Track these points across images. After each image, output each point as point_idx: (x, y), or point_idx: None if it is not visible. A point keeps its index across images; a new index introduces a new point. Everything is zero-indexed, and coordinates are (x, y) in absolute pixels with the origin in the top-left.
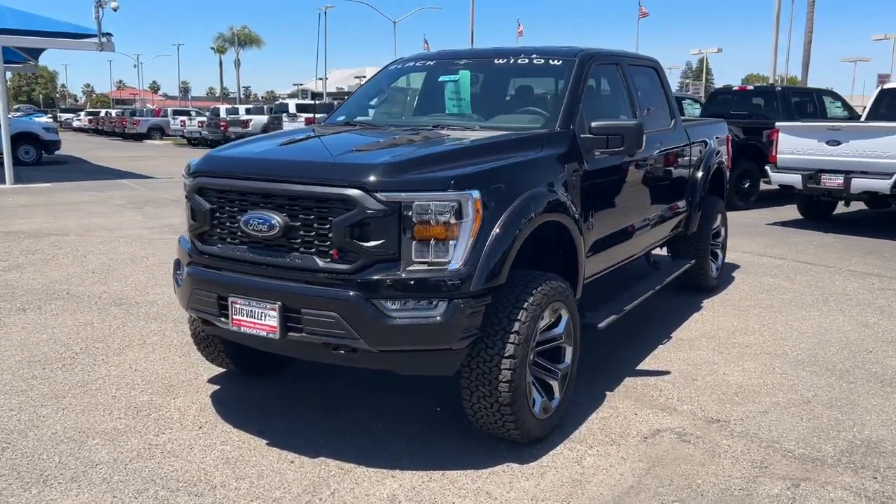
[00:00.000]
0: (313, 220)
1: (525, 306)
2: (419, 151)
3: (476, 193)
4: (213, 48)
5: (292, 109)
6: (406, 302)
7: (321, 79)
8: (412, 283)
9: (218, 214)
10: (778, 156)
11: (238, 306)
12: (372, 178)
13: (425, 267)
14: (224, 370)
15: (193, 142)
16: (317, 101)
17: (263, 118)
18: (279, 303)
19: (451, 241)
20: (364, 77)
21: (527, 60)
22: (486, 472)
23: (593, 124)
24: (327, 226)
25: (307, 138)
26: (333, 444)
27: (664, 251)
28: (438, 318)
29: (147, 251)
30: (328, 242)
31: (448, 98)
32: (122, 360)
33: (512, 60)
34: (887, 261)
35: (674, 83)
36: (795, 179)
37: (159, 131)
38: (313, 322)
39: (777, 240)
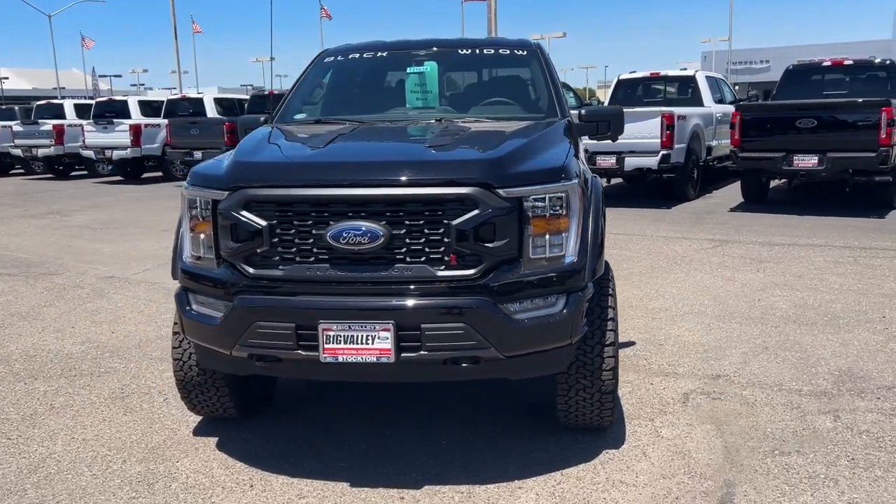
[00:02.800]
0: (423, 226)
1: (611, 292)
2: (511, 143)
3: (578, 182)
4: None
5: None
6: (525, 301)
7: None
8: (536, 280)
9: (280, 231)
10: None
11: (332, 333)
12: (493, 174)
13: (544, 263)
14: (200, 418)
15: None
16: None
17: None
18: (392, 322)
19: (563, 234)
20: (6, 79)
21: (492, 51)
22: (597, 463)
23: (583, 111)
24: (441, 230)
25: (337, 138)
26: (421, 469)
27: None
28: (565, 312)
29: None
30: (442, 248)
31: (411, 91)
32: (50, 433)
33: (477, 51)
34: (676, 225)
35: None
36: None
37: None
38: (436, 337)
39: None
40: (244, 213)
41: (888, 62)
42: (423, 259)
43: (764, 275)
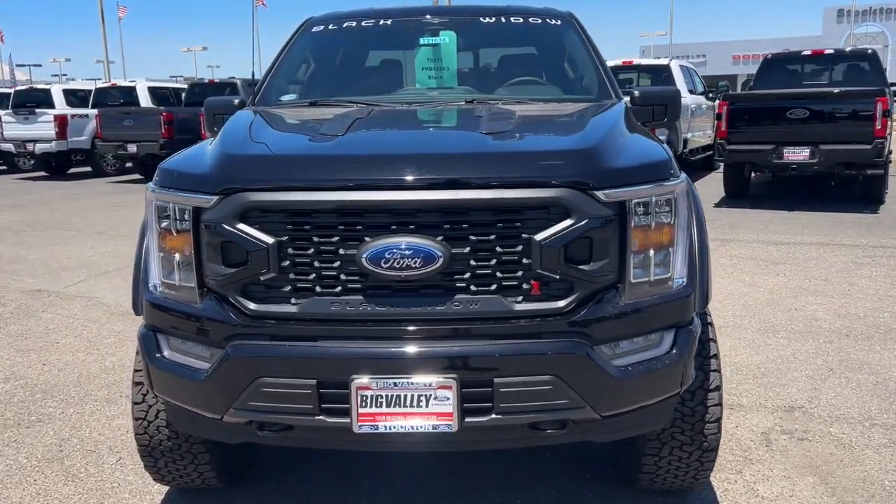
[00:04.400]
0: (495, 242)
1: (710, 321)
2: (594, 130)
3: (686, 180)
4: None
5: None
6: (624, 342)
7: None
8: (639, 313)
9: (294, 251)
10: None
11: (370, 394)
12: (590, 170)
13: (648, 289)
14: (168, 488)
15: None
16: None
17: None
18: (454, 376)
19: (670, 249)
20: None
21: (521, 20)
22: None
23: (636, 93)
24: (519, 248)
25: (356, 123)
26: None
27: None
28: (674, 353)
29: None
30: (521, 272)
31: (423, 67)
32: None
33: (502, 20)
34: None
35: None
36: None
37: None
38: (515, 396)
39: None
40: (241, 226)
41: (869, 51)
42: (494, 288)
43: (786, 279)
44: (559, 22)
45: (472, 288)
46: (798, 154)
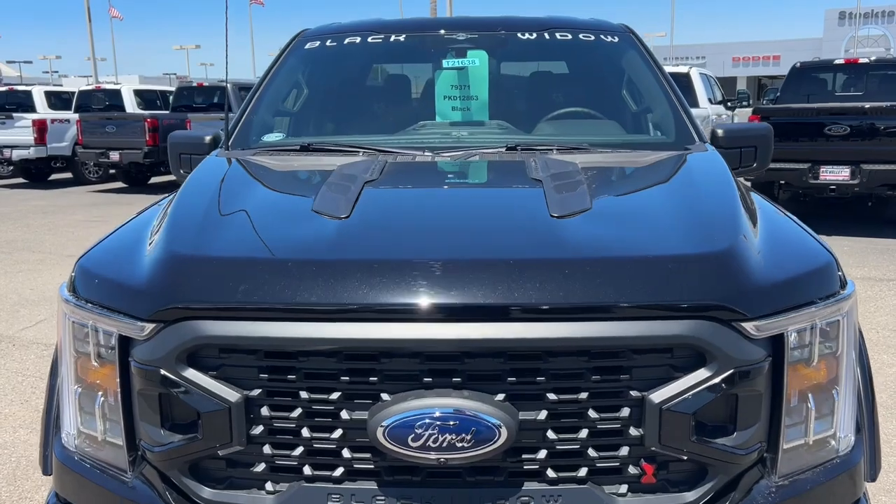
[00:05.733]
0: (587, 404)
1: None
2: (726, 212)
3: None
4: None
5: None
6: None
7: None
8: (798, 496)
9: (273, 413)
10: None
11: None
12: (738, 290)
13: (805, 457)
14: None
15: None
16: None
17: None
18: None
19: (833, 391)
20: None
21: (568, 36)
22: None
23: (719, 132)
24: (624, 412)
25: (364, 190)
26: None
27: None
28: None
29: None
30: (626, 450)
31: (444, 96)
32: None
33: (546, 36)
34: None
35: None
36: None
37: None
38: None
39: None
40: (191, 373)
41: None
42: (584, 474)
43: None
44: (616, 38)
45: (551, 475)
46: (837, 174)
